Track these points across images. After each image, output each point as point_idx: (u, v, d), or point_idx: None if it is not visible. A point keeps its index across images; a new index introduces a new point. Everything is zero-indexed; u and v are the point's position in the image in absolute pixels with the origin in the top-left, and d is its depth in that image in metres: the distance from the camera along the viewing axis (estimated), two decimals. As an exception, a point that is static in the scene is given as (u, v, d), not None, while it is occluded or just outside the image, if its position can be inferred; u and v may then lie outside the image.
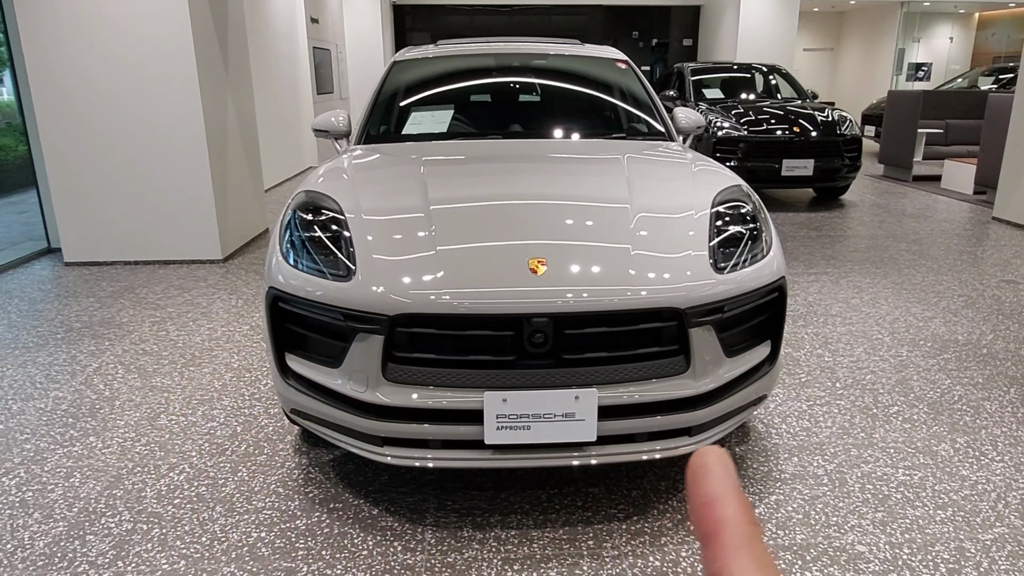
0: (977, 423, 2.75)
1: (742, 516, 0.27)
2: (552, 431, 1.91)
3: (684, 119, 3.38)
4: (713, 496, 0.28)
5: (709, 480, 0.28)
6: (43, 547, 2.07)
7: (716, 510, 0.28)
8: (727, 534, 0.27)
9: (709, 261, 2.08)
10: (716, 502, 0.28)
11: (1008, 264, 4.99)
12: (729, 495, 0.28)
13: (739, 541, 0.27)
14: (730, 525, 0.27)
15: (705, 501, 0.28)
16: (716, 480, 0.28)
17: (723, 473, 0.29)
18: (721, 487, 0.28)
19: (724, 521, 0.27)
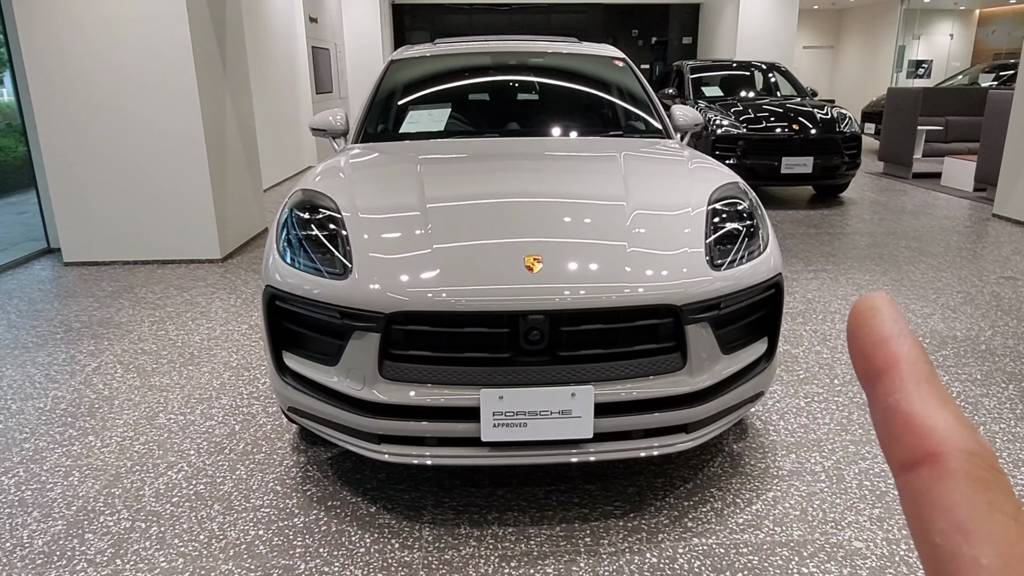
0: (976, 420, 2.75)
1: (920, 355, 0.26)
2: (548, 428, 1.91)
3: (682, 117, 3.38)
4: (887, 334, 0.26)
5: (879, 320, 0.27)
6: (42, 545, 2.07)
7: (891, 346, 0.26)
8: (905, 367, 0.25)
9: (705, 258, 2.09)
10: (891, 340, 0.26)
11: (1007, 261, 4.99)
12: (904, 335, 0.26)
13: (919, 375, 0.25)
14: (908, 360, 0.26)
15: (877, 339, 0.26)
16: (889, 320, 0.27)
17: (895, 315, 0.27)
18: (895, 326, 0.26)
19: (901, 356, 0.26)
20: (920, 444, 0.24)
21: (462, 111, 3.54)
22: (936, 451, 0.23)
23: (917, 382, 0.25)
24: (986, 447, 0.24)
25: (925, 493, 0.23)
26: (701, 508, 2.22)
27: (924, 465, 0.23)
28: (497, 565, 1.97)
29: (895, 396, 0.25)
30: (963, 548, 0.22)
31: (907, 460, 0.24)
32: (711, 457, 2.51)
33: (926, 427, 0.24)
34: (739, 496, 2.28)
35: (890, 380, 0.25)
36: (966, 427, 0.24)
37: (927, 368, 0.26)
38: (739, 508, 2.21)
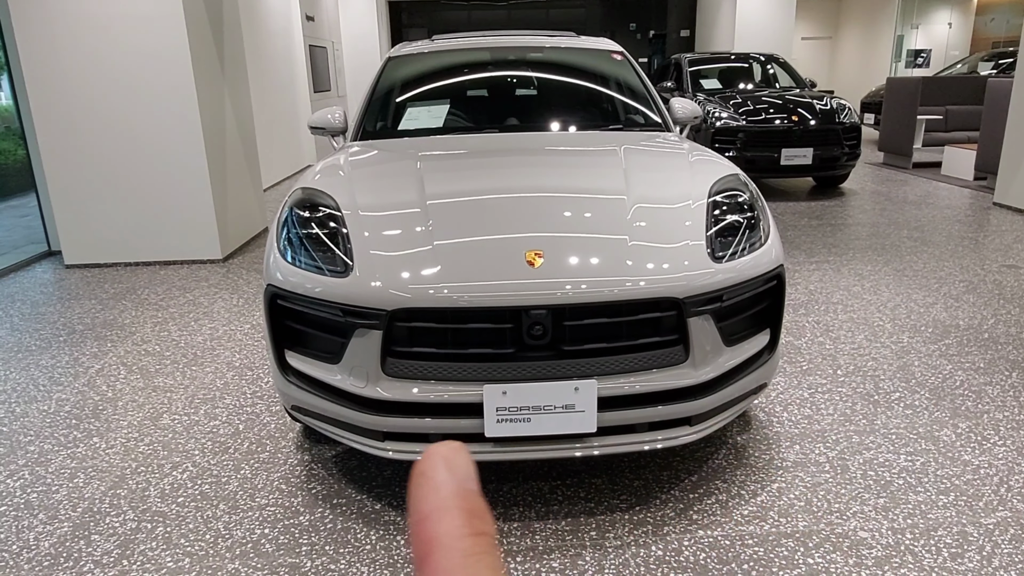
0: (979, 408, 2.75)
1: (460, 530, 0.23)
2: (552, 423, 1.91)
3: (681, 109, 3.38)
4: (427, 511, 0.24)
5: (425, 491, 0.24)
6: (48, 547, 2.08)
7: (428, 528, 0.23)
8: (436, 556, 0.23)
9: (707, 250, 2.08)
10: (429, 518, 0.23)
11: (1009, 249, 4.98)
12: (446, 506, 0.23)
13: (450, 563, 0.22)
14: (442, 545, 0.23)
15: (419, 518, 0.24)
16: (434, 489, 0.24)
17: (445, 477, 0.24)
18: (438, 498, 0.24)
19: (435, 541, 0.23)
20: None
21: (461, 107, 3.54)
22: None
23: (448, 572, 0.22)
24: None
25: None
26: (706, 500, 2.22)
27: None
28: (503, 560, 1.97)
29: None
30: None
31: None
32: (715, 449, 2.51)
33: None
34: (744, 488, 2.28)
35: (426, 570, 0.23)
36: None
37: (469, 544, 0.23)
38: (744, 500, 2.22)
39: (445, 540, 0.23)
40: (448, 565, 0.22)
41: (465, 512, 0.23)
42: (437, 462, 0.24)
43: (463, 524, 0.23)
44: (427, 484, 0.24)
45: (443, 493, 0.24)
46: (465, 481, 0.24)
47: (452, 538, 0.23)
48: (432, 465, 0.24)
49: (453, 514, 0.23)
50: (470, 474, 0.24)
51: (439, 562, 0.22)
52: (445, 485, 0.24)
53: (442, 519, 0.23)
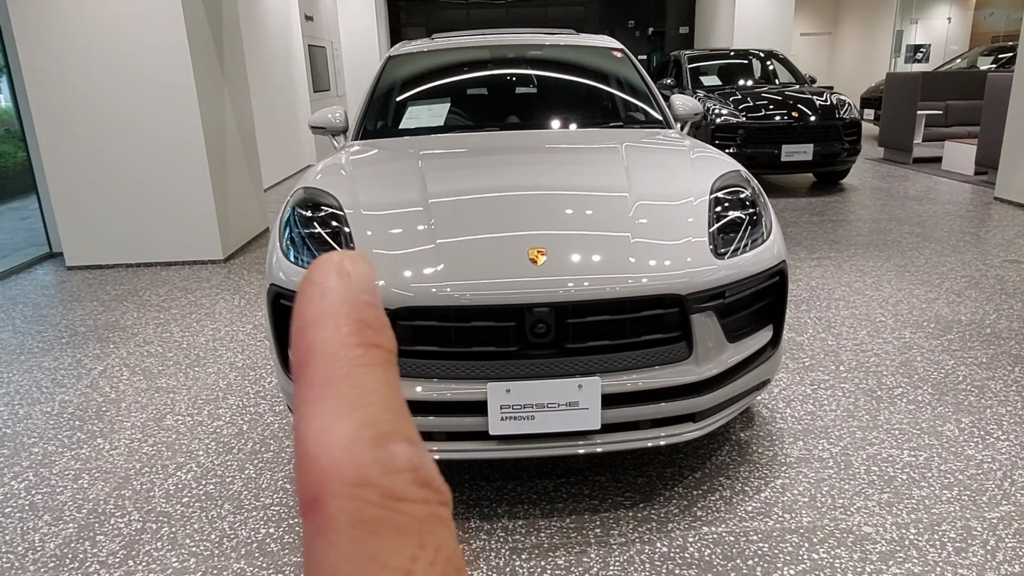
0: (982, 403, 2.75)
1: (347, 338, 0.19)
2: (556, 420, 1.91)
3: (681, 106, 3.38)
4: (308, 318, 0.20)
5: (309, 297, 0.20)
6: (54, 548, 2.08)
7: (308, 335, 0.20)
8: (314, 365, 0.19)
9: (709, 247, 2.08)
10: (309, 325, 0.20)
11: (1011, 244, 4.98)
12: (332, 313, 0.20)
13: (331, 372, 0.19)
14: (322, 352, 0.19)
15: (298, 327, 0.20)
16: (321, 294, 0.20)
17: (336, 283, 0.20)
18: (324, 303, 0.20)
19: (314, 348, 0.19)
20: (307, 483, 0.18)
21: (461, 105, 3.54)
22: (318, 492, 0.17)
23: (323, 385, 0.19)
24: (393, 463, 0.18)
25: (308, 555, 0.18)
26: (710, 497, 2.22)
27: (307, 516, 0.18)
28: (508, 558, 1.98)
29: (298, 411, 0.19)
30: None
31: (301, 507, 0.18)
32: (719, 446, 2.51)
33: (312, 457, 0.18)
34: (748, 484, 2.28)
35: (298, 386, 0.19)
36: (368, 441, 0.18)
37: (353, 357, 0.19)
38: (748, 496, 2.22)
39: (327, 347, 0.19)
40: (327, 374, 0.19)
41: (355, 321, 0.20)
42: (328, 268, 0.21)
43: (351, 332, 0.19)
44: (312, 290, 0.20)
45: (329, 299, 0.20)
46: (360, 292, 0.20)
47: (335, 345, 0.19)
48: (322, 271, 0.21)
49: (340, 320, 0.20)
50: (367, 286, 0.21)
51: (316, 370, 0.19)
52: (333, 291, 0.20)
53: (325, 326, 0.19)
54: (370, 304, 0.20)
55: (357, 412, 0.18)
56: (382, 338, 0.20)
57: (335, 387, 0.19)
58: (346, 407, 0.18)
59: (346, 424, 0.18)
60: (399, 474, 0.18)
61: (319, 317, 0.20)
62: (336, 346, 0.19)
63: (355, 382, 0.19)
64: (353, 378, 0.19)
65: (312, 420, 0.18)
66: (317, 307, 0.20)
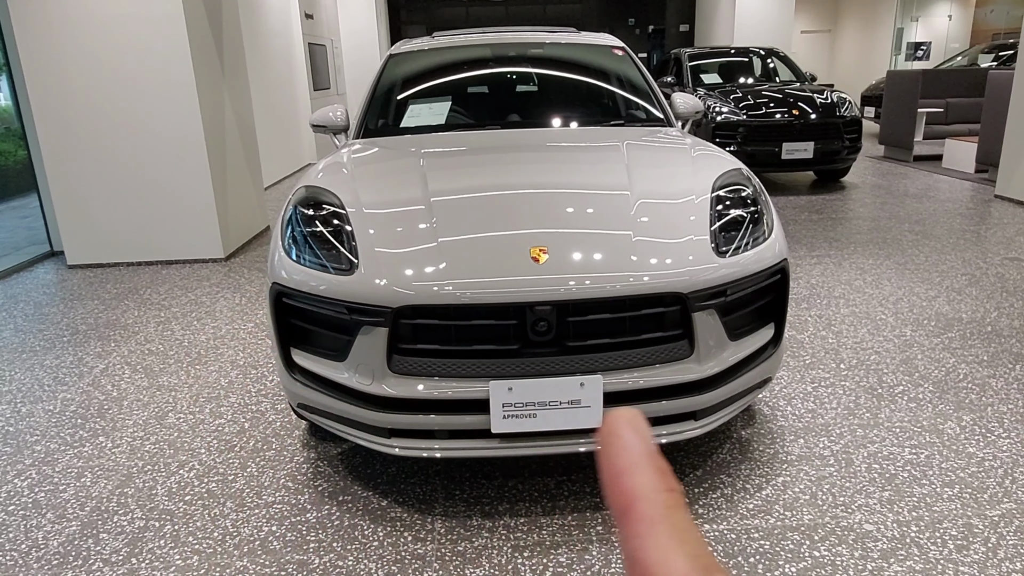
0: (983, 400, 2.75)
1: (656, 484, 0.24)
2: (558, 418, 1.92)
3: (682, 104, 3.38)
4: (622, 467, 0.25)
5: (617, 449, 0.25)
6: (57, 546, 2.09)
7: (625, 481, 0.24)
8: (640, 507, 0.24)
9: (711, 245, 2.09)
10: (625, 472, 0.25)
11: (1012, 242, 4.98)
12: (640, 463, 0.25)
13: (654, 513, 0.23)
14: (642, 497, 0.24)
15: (615, 472, 0.25)
16: (625, 447, 0.25)
17: (633, 438, 0.25)
18: (630, 455, 0.25)
19: (635, 493, 0.24)
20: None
21: (463, 104, 3.54)
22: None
23: (651, 523, 0.23)
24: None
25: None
26: (711, 495, 2.23)
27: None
28: (510, 556, 1.98)
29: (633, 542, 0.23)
30: None
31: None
32: (720, 444, 2.51)
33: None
34: (749, 482, 2.28)
35: (629, 523, 0.24)
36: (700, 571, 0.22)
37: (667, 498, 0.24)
38: (749, 494, 2.22)
39: (645, 492, 0.24)
40: (652, 514, 0.23)
41: (656, 470, 0.25)
42: (622, 423, 0.26)
43: (658, 480, 0.24)
44: (617, 443, 0.25)
45: (635, 451, 0.25)
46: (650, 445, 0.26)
47: (651, 491, 0.24)
48: (620, 425, 0.26)
49: (648, 470, 0.25)
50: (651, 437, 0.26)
51: (643, 511, 0.24)
52: (635, 444, 0.25)
53: (638, 474, 0.24)
54: (657, 455, 0.26)
55: (684, 547, 0.23)
56: (675, 483, 0.25)
57: (660, 527, 0.23)
58: (675, 542, 0.23)
59: (680, 558, 0.22)
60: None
61: (629, 467, 0.25)
62: (651, 491, 0.24)
63: (673, 522, 0.23)
64: (670, 519, 0.23)
65: (650, 552, 0.23)
66: (625, 458, 0.25)
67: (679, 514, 0.24)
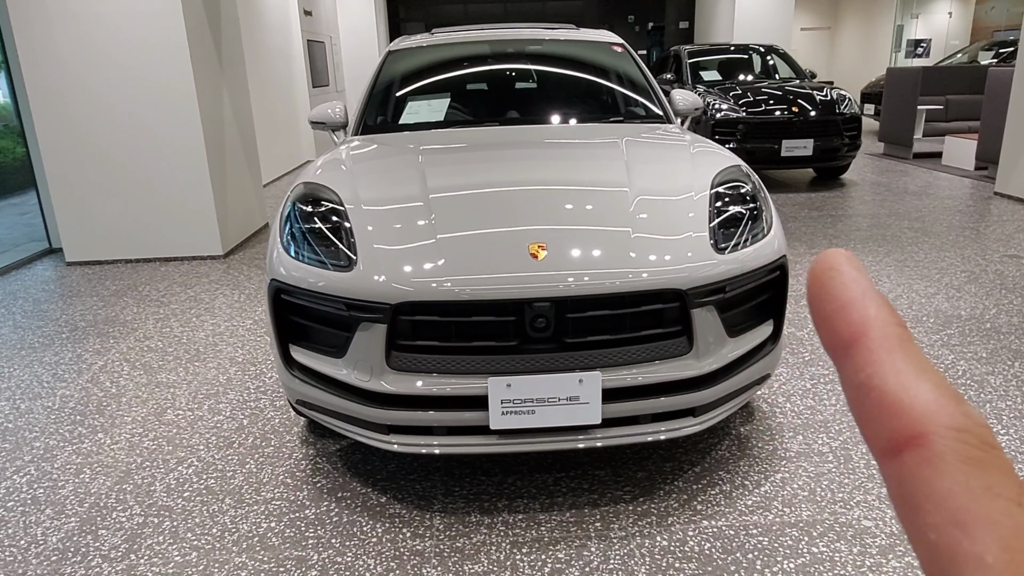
0: (982, 397, 2.75)
1: (888, 317, 0.22)
2: (557, 415, 1.92)
3: (682, 101, 3.37)
4: (849, 298, 0.23)
5: (840, 282, 0.23)
6: (56, 542, 2.09)
7: (855, 312, 0.22)
8: (873, 335, 0.22)
9: (710, 242, 2.08)
10: (854, 304, 0.23)
11: (1011, 239, 4.98)
12: (869, 296, 0.23)
13: (891, 343, 0.22)
14: (877, 325, 0.22)
15: (840, 305, 0.23)
16: (850, 280, 0.23)
17: (856, 274, 0.23)
18: (857, 288, 0.23)
19: (869, 322, 0.22)
20: (900, 425, 0.21)
21: (462, 100, 3.53)
22: (919, 432, 0.20)
23: (889, 351, 0.22)
24: (977, 420, 0.21)
25: (912, 482, 0.20)
26: (710, 491, 2.23)
27: (907, 449, 0.20)
28: (508, 552, 1.98)
29: (866, 371, 0.22)
30: (963, 544, 0.19)
31: (888, 445, 0.21)
32: (719, 440, 2.52)
33: (904, 405, 0.21)
34: (748, 478, 2.29)
35: (858, 352, 0.22)
36: (951, 398, 0.21)
37: (899, 331, 0.22)
38: (748, 490, 2.22)
39: (878, 323, 0.22)
40: (888, 344, 0.22)
41: (886, 305, 0.23)
42: (844, 259, 0.24)
43: (892, 312, 0.23)
44: (839, 277, 0.23)
45: (862, 284, 0.23)
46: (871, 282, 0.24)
47: (884, 322, 0.22)
48: (840, 261, 0.24)
49: (879, 301, 0.23)
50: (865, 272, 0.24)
51: (875, 338, 0.22)
52: (860, 280, 0.23)
53: (869, 305, 0.22)
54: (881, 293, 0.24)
55: (929, 375, 0.21)
56: (902, 320, 0.23)
57: (900, 354, 0.21)
58: (918, 370, 0.21)
59: (927, 382, 0.21)
60: (984, 427, 0.20)
61: (860, 297, 0.23)
62: (884, 323, 0.22)
63: (910, 351, 0.22)
64: (907, 349, 0.22)
65: (893, 376, 0.21)
66: (853, 290, 0.23)
67: (915, 348, 0.22)
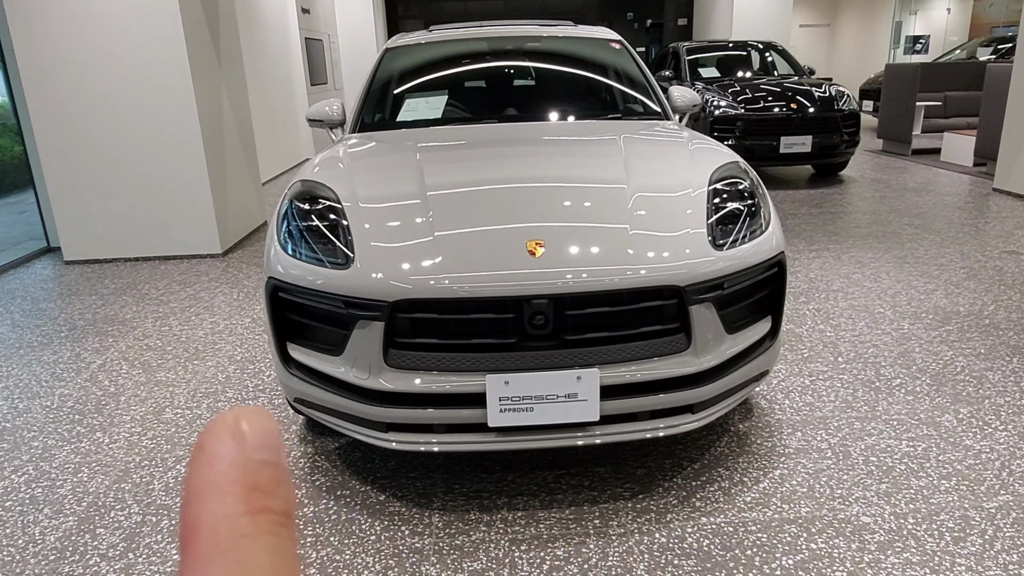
0: (980, 393, 2.75)
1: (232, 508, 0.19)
2: (555, 412, 1.92)
3: (680, 98, 3.37)
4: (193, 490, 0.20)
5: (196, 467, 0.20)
6: (54, 541, 2.09)
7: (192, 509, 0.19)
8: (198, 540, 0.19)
9: (708, 238, 2.08)
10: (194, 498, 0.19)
11: (1010, 235, 4.98)
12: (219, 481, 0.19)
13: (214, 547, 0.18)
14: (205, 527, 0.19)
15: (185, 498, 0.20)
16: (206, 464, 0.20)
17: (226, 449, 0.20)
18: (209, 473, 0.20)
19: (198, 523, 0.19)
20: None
21: (459, 98, 3.52)
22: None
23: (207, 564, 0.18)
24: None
25: None
26: (709, 488, 2.23)
27: None
28: (507, 549, 1.98)
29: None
30: None
31: None
32: (718, 437, 2.51)
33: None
34: (746, 475, 2.28)
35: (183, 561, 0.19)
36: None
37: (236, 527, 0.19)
38: (747, 487, 2.22)
39: (210, 522, 0.19)
40: (208, 550, 0.19)
41: (244, 487, 0.20)
42: (220, 430, 0.21)
43: (237, 502, 0.19)
44: (202, 458, 0.20)
45: (218, 467, 0.20)
46: (254, 451, 0.20)
47: (219, 519, 0.19)
48: (212, 436, 0.21)
49: (225, 490, 0.19)
50: (264, 442, 0.21)
51: (199, 548, 0.19)
52: (222, 458, 0.20)
53: (210, 497, 0.19)
54: (264, 464, 0.20)
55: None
56: (273, 500, 0.20)
57: (217, 566, 0.18)
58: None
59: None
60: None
61: (204, 488, 0.19)
62: (220, 519, 0.19)
63: (238, 556, 0.18)
64: (236, 552, 0.18)
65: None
66: (204, 477, 0.20)
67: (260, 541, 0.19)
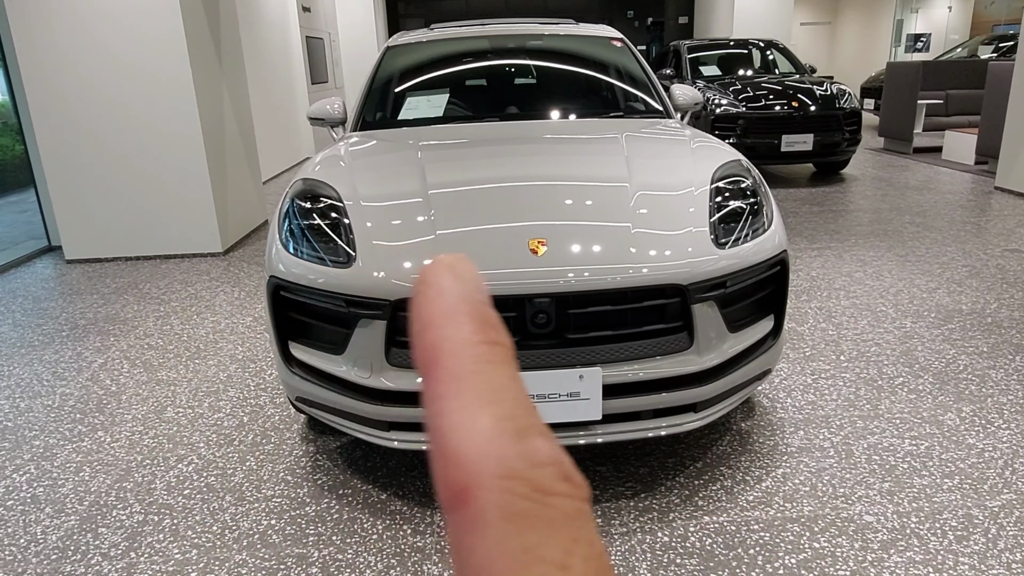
0: (983, 392, 2.75)
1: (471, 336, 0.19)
2: (557, 411, 1.91)
3: (681, 96, 3.36)
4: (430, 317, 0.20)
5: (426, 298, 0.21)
6: (56, 540, 2.09)
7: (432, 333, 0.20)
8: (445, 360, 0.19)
9: (710, 237, 2.08)
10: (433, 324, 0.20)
11: (1012, 233, 4.97)
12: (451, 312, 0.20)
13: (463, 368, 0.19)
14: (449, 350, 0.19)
15: (421, 326, 0.20)
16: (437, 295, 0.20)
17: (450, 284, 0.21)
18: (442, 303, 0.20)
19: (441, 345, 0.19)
20: (449, 477, 0.18)
21: (461, 96, 3.52)
22: (464, 486, 0.17)
23: (457, 379, 0.19)
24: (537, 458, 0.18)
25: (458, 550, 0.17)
26: (711, 487, 2.22)
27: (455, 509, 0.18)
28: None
29: (430, 406, 0.19)
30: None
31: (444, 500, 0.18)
32: (720, 436, 2.51)
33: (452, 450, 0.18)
34: (749, 474, 2.28)
35: (427, 383, 0.19)
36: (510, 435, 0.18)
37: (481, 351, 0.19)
38: (749, 486, 2.22)
39: (453, 345, 0.19)
40: (457, 370, 0.19)
41: (475, 319, 0.20)
42: (441, 269, 0.21)
43: (473, 331, 0.20)
44: (430, 291, 0.21)
45: (449, 299, 0.20)
46: (474, 291, 0.21)
47: (460, 343, 0.19)
48: (436, 272, 0.21)
49: (461, 319, 0.20)
50: (479, 286, 0.21)
51: (446, 366, 0.19)
52: (451, 291, 0.21)
53: (448, 323, 0.20)
54: (485, 303, 0.21)
55: (493, 407, 0.18)
56: (501, 335, 0.20)
57: (467, 383, 0.19)
58: (482, 402, 0.18)
59: (486, 418, 0.18)
60: (544, 467, 0.18)
61: (441, 316, 0.20)
62: (461, 344, 0.19)
63: (485, 378, 0.19)
64: (482, 374, 0.19)
65: (449, 415, 0.18)
66: (437, 306, 0.20)
67: (498, 370, 0.19)
